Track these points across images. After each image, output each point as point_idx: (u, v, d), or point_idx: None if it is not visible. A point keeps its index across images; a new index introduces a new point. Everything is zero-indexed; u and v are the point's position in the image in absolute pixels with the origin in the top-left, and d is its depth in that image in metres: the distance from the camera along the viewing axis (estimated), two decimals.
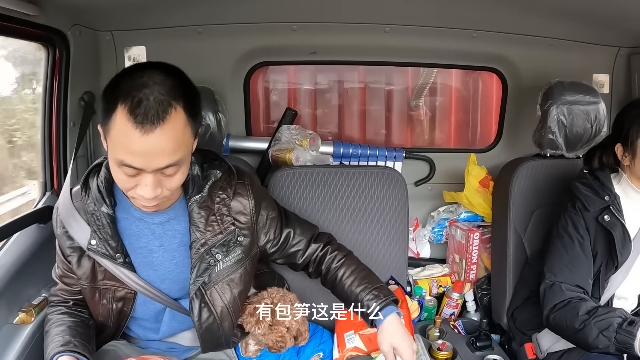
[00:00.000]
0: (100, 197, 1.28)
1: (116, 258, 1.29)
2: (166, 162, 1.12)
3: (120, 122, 1.08)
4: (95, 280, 1.34)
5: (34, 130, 1.89)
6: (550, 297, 1.58)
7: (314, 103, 2.65)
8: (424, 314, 2.15)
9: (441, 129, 2.77)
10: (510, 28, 2.12)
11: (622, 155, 1.60)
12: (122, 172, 1.13)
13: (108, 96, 1.11)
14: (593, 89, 1.97)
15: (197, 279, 1.33)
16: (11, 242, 1.60)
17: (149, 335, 1.45)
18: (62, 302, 1.43)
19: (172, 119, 1.09)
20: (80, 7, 1.71)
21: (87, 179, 1.31)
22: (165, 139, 1.09)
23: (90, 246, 1.28)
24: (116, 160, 1.12)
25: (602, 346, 1.44)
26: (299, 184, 1.87)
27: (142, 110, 1.06)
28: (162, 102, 1.08)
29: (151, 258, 1.34)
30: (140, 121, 1.06)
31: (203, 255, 1.32)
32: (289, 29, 2.08)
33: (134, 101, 1.07)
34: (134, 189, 1.16)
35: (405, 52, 2.23)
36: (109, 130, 1.11)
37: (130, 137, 1.07)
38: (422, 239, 2.38)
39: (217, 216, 1.34)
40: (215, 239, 1.33)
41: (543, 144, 1.97)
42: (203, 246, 1.32)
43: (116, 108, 1.08)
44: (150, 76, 1.10)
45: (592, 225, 1.59)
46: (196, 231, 1.32)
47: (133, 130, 1.06)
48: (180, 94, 1.12)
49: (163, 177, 1.15)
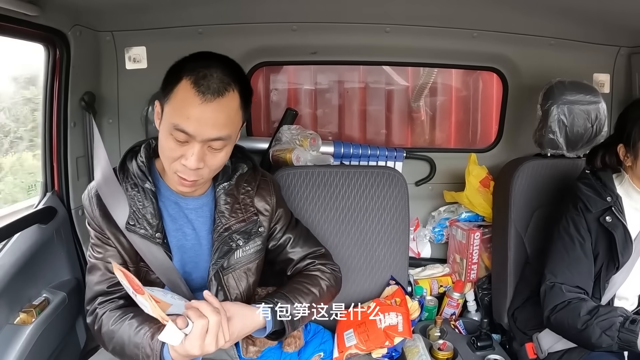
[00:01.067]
0: (143, 174, 1.33)
1: (155, 237, 1.31)
2: (216, 134, 1.20)
3: (184, 90, 1.18)
4: (137, 260, 1.35)
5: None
6: (551, 298, 1.57)
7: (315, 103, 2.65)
8: (425, 314, 2.15)
9: (442, 128, 2.77)
10: (511, 28, 2.12)
11: (624, 156, 1.59)
12: (172, 139, 1.20)
13: (172, 73, 1.22)
14: (594, 89, 1.97)
15: (218, 260, 1.37)
16: (12, 243, 1.60)
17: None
18: (116, 297, 1.34)
19: (229, 97, 1.20)
20: (80, 7, 1.72)
21: (124, 162, 1.35)
22: (220, 111, 1.19)
23: (129, 225, 1.30)
24: (171, 125, 1.19)
25: (605, 345, 1.44)
26: (299, 184, 1.87)
27: (206, 83, 1.17)
28: (223, 80, 1.19)
29: (184, 242, 1.39)
30: (203, 91, 1.17)
31: (225, 239, 1.37)
32: (289, 29, 2.08)
33: (199, 75, 1.18)
34: (178, 160, 1.23)
35: (405, 52, 2.23)
36: (169, 100, 1.20)
37: (190, 103, 1.17)
38: (422, 239, 2.38)
39: (242, 205, 1.41)
40: (238, 226, 1.39)
41: (543, 143, 1.97)
42: (226, 230, 1.38)
43: (180, 80, 1.19)
44: (214, 60, 1.23)
45: (593, 226, 1.59)
46: (221, 217, 1.38)
47: (194, 97, 1.17)
48: (238, 81, 1.23)
49: (208, 152, 1.23)
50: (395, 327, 1.63)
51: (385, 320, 1.65)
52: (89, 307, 1.35)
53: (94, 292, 1.35)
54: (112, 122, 2.07)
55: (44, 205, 1.75)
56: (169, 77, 1.22)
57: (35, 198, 1.82)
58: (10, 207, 2.14)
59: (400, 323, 1.64)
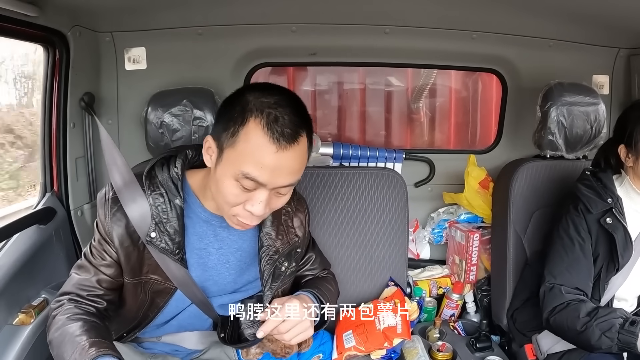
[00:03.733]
0: (175, 189, 1.25)
1: (176, 254, 1.26)
2: (288, 181, 1.15)
3: (255, 135, 1.09)
4: (141, 273, 1.30)
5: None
6: (550, 299, 1.57)
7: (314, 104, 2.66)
8: (424, 315, 2.15)
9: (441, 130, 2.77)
10: (510, 29, 2.12)
11: (625, 157, 1.60)
12: (237, 186, 1.13)
13: (234, 106, 1.13)
14: (593, 90, 1.97)
15: (273, 285, 1.36)
16: (11, 243, 1.60)
17: (156, 332, 1.44)
18: (89, 306, 1.28)
19: (301, 142, 1.13)
20: (80, 8, 1.72)
21: (153, 168, 1.27)
22: (295, 158, 1.13)
23: (150, 239, 1.23)
24: (238, 173, 1.11)
25: (605, 347, 1.44)
26: (299, 185, 1.86)
27: (280, 128, 1.09)
28: (296, 123, 1.12)
29: (206, 260, 1.34)
30: (277, 138, 1.09)
31: (276, 262, 1.36)
32: (288, 30, 2.08)
33: (271, 117, 1.09)
34: (240, 205, 1.17)
35: (405, 53, 2.23)
36: (235, 143, 1.11)
37: (265, 150, 1.09)
38: (421, 240, 2.38)
39: (284, 227, 1.38)
40: (284, 248, 1.37)
41: (543, 145, 1.97)
42: (276, 254, 1.35)
43: (247, 121, 1.10)
44: (280, 98, 1.13)
45: (594, 227, 1.59)
46: (268, 239, 1.35)
47: (269, 144, 1.09)
48: (305, 121, 1.16)
49: (274, 196, 1.18)
50: (395, 328, 1.63)
51: (384, 321, 1.65)
52: (60, 297, 1.28)
53: (72, 290, 1.28)
54: (111, 122, 2.07)
55: (43, 206, 1.74)
56: (231, 114, 1.13)
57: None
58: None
59: (399, 324, 1.64)
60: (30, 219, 1.66)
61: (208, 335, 1.46)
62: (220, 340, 1.39)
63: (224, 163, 1.14)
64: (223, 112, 1.16)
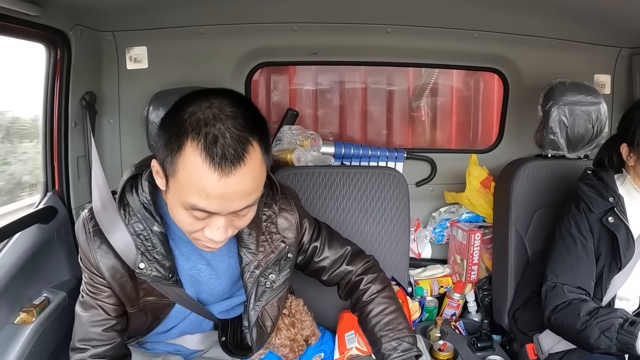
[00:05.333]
0: (150, 215, 1.17)
1: (169, 279, 1.20)
2: (244, 204, 1.03)
3: (193, 162, 0.96)
4: (138, 300, 1.26)
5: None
6: (552, 298, 1.57)
7: (315, 103, 2.66)
8: (425, 315, 2.15)
9: (442, 129, 2.77)
10: (512, 28, 2.12)
11: (627, 156, 1.59)
12: (189, 216, 1.03)
13: (169, 129, 1.00)
14: (594, 90, 1.97)
15: (257, 303, 1.31)
16: (12, 242, 1.60)
17: (159, 337, 1.44)
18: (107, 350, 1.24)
19: (251, 157, 0.98)
20: (81, 7, 1.72)
21: (123, 195, 1.18)
22: (245, 180, 0.99)
23: (140, 270, 1.17)
24: (185, 204, 1.01)
25: (604, 347, 1.43)
26: (300, 184, 1.87)
27: (219, 151, 0.95)
28: (240, 138, 0.97)
29: (198, 277, 1.29)
30: (219, 163, 0.95)
31: (258, 279, 1.29)
32: (290, 30, 2.08)
33: (208, 138, 0.95)
34: (200, 231, 1.07)
35: (406, 52, 2.23)
36: (175, 171, 0.99)
37: (206, 180, 0.96)
38: (423, 240, 2.38)
39: (267, 235, 1.28)
40: (268, 259, 1.28)
41: (544, 144, 1.96)
42: (257, 268, 1.27)
43: (184, 145, 0.96)
44: (219, 107, 0.99)
45: (595, 226, 1.59)
46: (248, 253, 1.26)
47: (210, 172, 0.95)
48: (254, 126, 1.01)
49: (235, 218, 1.07)
50: None
51: None
52: (75, 353, 1.23)
53: (87, 334, 1.23)
54: (112, 122, 2.07)
55: (45, 205, 1.74)
56: (168, 136, 0.99)
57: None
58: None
59: None
60: (32, 218, 1.65)
61: (210, 335, 1.46)
62: (221, 345, 1.39)
63: (171, 191, 1.04)
64: (161, 134, 1.02)
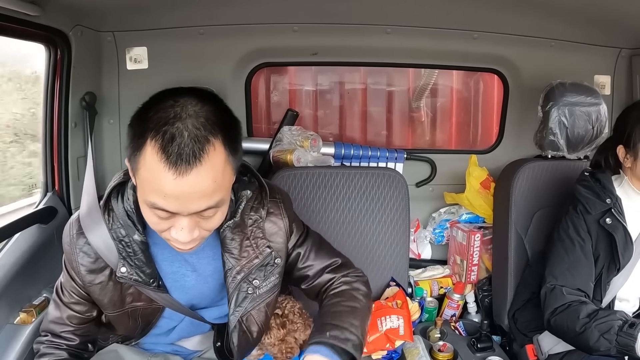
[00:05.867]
0: (132, 223, 1.16)
1: (150, 284, 1.20)
2: (204, 205, 1.00)
3: (151, 161, 0.95)
4: (123, 304, 1.25)
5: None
6: (551, 300, 1.57)
7: (315, 104, 2.65)
8: (425, 315, 2.15)
9: (442, 130, 2.77)
10: (512, 29, 2.12)
11: (623, 157, 1.59)
12: (153, 215, 1.02)
13: (135, 127, 0.99)
14: (594, 90, 1.97)
15: (237, 309, 1.27)
16: (12, 243, 1.60)
17: (159, 340, 1.45)
18: (64, 344, 1.29)
19: (210, 157, 0.96)
20: (81, 7, 1.72)
21: (109, 201, 1.19)
22: (202, 180, 0.96)
23: (121, 274, 1.17)
24: (147, 202, 1.00)
25: (603, 349, 1.43)
26: (300, 185, 1.87)
27: (176, 149, 0.93)
28: (199, 138, 0.95)
29: (183, 282, 1.28)
30: (174, 161, 0.93)
31: (240, 284, 1.25)
32: (290, 30, 2.08)
33: (166, 137, 0.94)
34: (167, 231, 1.06)
35: (406, 53, 2.23)
36: (137, 169, 0.99)
37: (162, 179, 0.94)
38: (423, 240, 2.38)
39: (252, 240, 1.24)
40: (251, 265, 1.24)
41: (544, 145, 1.97)
42: (239, 273, 1.24)
43: (145, 143, 0.96)
44: (183, 106, 0.97)
45: (593, 228, 1.59)
46: (230, 258, 1.23)
47: (165, 171, 0.94)
48: (218, 126, 0.98)
49: (200, 219, 1.04)
50: (397, 330, 1.63)
51: (386, 323, 1.65)
52: (40, 337, 1.31)
53: (47, 327, 1.31)
54: (112, 122, 2.08)
55: (45, 205, 1.74)
56: (133, 130, 0.99)
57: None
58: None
59: (401, 326, 1.64)
60: (32, 219, 1.66)
61: (209, 336, 1.45)
62: (215, 351, 1.39)
63: (138, 190, 1.04)
64: (128, 132, 1.02)
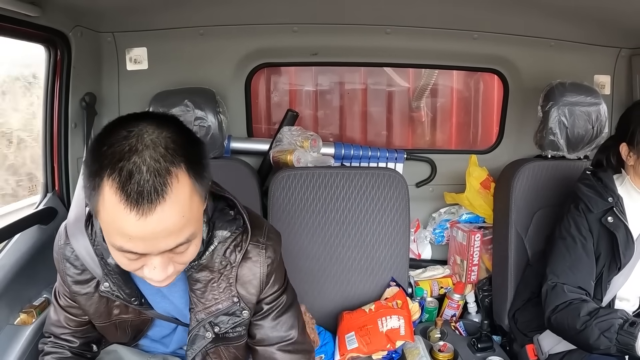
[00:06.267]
0: (106, 246, 1.04)
1: (132, 302, 1.16)
2: (174, 243, 0.91)
3: (110, 202, 0.85)
4: (110, 316, 1.22)
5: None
6: (552, 298, 1.57)
7: (315, 104, 2.65)
8: (425, 316, 2.15)
9: (442, 130, 2.77)
10: (511, 29, 2.12)
11: (626, 155, 1.59)
12: (122, 257, 0.94)
13: (90, 165, 0.88)
14: (594, 90, 1.97)
15: (192, 347, 1.19)
16: (12, 243, 1.60)
17: (158, 349, 1.44)
18: (66, 345, 1.30)
19: (174, 191, 0.86)
20: (81, 8, 1.72)
21: (90, 216, 1.13)
22: (168, 217, 0.87)
23: (104, 288, 1.14)
24: (113, 245, 0.92)
25: (604, 347, 1.43)
26: (300, 185, 1.87)
27: (135, 187, 0.84)
28: (159, 171, 0.85)
29: (164, 305, 1.24)
30: (135, 201, 0.84)
31: (199, 327, 1.17)
32: (290, 31, 2.08)
33: (123, 174, 0.84)
34: (140, 270, 0.97)
35: (406, 53, 2.23)
36: (97, 211, 0.89)
37: (124, 221, 0.85)
38: (423, 240, 2.38)
39: (219, 283, 1.14)
40: (216, 310, 1.16)
41: (544, 145, 1.97)
42: (202, 316, 1.16)
43: (102, 183, 0.86)
44: (138, 136, 0.86)
45: (595, 226, 1.59)
46: (194, 298, 1.15)
47: (127, 213, 0.84)
48: (179, 154, 0.88)
49: (174, 255, 0.96)
50: (397, 330, 1.63)
51: (387, 323, 1.65)
52: (44, 337, 1.32)
53: (49, 329, 1.31)
54: None
55: (45, 206, 1.75)
56: (89, 173, 0.88)
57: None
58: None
59: (402, 327, 1.64)
60: (32, 219, 1.66)
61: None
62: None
63: (103, 230, 0.94)
64: (84, 171, 0.92)
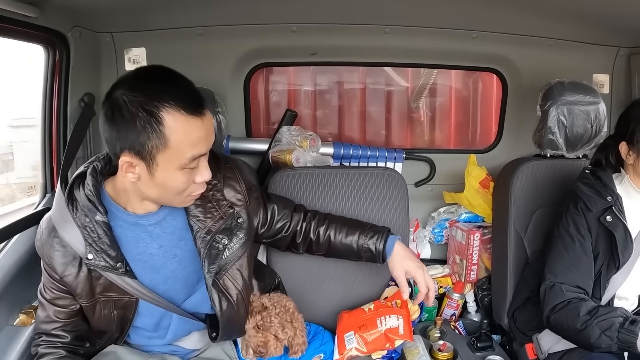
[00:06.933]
0: (92, 205, 1.24)
1: (117, 268, 1.26)
2: (212, 140, 1.20)
3: (179, 121, 1.11)
4: (93, 294, 1.30)
5: None
6: (551, 297, 1.57)
7: (314, 104, 2.65)
8: (425, 315, 2.15)
9: (441, 129, 2.77)
10: (510, 28, 2.12)
11: (626, 154, 1.60)
12: (185, 173, 1.17)
13: (134, 119, 1.11)
14: (593, 89, 1.97)
15: (211, 267, 1.32)
16: (12, 244, 1.60)
17: (154, 342, 1.45)
18: (58, 342, 1.35)
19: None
20: (80, 8, 1.72)
21: (72, 191, 1.27)
22: (210, 118, 1.19)
23: (88, 260, 1.24)
24: (183, 164, 1.15)
25: (605, 346, 1.44)
26: (299, 185, 1.87)
27: (191, 96, 1.13)
28: (195, 89, 1.17)
29: (152, 262, 1.32)
30: (195, 106, 1.13)
31: (210, 243, 1.32)
32: (289, 30, 2.09)
33: (177, 92, 1.11)
34: (189, 187, 1.21)
35: (405, 53, 2.23)
36: (167, 142, 1.12)
37: (195, 128, 1.13)
38: (422, 240, 2.38)
39: (214, 202, 1.35)
40: (218, 225, 1.33)
41: (543, 144, 1.97)
42: (208, 234, 1.32)
43: (159, 112, 1.10)
44: (166, 73, 1.17)
45: (594, 225, 1.59)
46: (197, 222, 1.32)
47: (195, 121, 1.13)
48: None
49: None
50: (397, 329, 1.63)
51: (386, 322, 1.65)
52: (35, 339, 1.37)
53: (39, 328, 1.37)
54: None
55: (44, 207, 1.74)
56: (135, 124, 1.11)
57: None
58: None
59: (401, 326, 1.64)
60: (31, 220, 1.65)
61: (206, 333, 1.46)
62: (212, 340, 1.40)
63: (162, 166, 1.15)
64: (123, 129, 1.12)
